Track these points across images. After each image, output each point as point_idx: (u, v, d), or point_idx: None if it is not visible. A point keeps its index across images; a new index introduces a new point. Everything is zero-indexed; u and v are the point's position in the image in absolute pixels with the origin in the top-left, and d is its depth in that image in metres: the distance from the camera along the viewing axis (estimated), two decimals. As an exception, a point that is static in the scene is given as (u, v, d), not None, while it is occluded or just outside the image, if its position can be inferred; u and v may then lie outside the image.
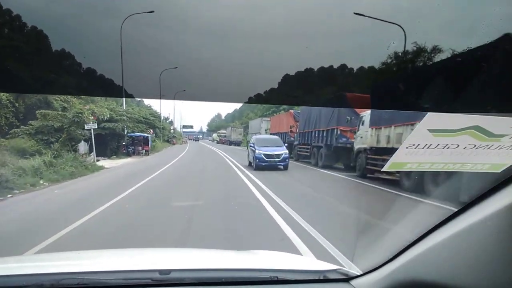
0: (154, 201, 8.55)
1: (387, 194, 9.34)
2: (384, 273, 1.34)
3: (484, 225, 0.91)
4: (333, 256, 4.37)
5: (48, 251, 4.52)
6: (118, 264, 1.83)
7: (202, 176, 13.61)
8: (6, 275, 1.44)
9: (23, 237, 5.43)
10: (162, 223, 6.24)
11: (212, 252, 2.32)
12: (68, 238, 5.25)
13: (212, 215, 7.00)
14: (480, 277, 0.90)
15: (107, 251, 2.57)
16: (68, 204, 8.38)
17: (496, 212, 0.89)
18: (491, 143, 0.99)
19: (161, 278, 1.49)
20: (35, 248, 4.68)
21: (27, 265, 1.83)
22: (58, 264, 1.88)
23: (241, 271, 1.72)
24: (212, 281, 1.55)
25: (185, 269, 1.70)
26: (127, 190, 9.30)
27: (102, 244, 5.02)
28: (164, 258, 2.08)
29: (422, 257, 1.13)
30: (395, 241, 1.48)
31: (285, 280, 1.57)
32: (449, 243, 1.02)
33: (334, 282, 1.59)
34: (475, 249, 0.92)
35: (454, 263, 0.99)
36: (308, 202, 8.57)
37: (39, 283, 1.35)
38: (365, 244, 4.72)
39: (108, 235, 5.57)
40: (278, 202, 7.91)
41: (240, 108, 74.50)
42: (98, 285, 1.44)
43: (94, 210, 6.97)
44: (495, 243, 0.88)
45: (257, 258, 2.11)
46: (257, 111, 47.05)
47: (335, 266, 1.71)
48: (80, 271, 1.55)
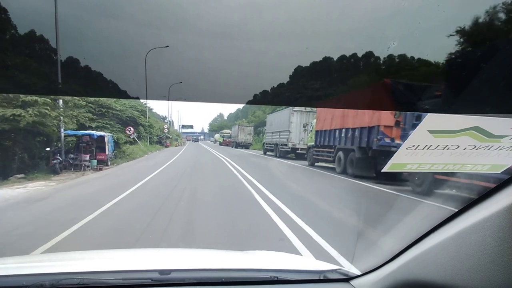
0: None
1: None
2: (384, 273, 1.35)
3: (484, 226, 0.91)
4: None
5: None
6: (118, 264, 1.84)
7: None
8: (6, 275, 1.44)
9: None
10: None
11: (212, 252, 2.32)
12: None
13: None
14: (480, 278, 0.90)
15: (108, 251, 2.57)
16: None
17: (496, 213, 0.89)
18: (491, 144, 0.99)
19: (161, 278, 1.50)
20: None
21: (27, 265, 1.83)
22: (58, 264, 1.88)
23: (241, 271, 1.73)
24: (212, 281, 1.55)
25: (185, 269, 1.70)
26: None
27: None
28: (164, 258, 2.08)
29: (422, 257, 1.13)
30: (395, 241, 1.48)
31: (285, 280, 1.57)
32: (449, 244, 1.02)
33: (334, 282, 1.59)
34: (475, 250, 0.92)
35: (454, 263, 0.99)
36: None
37: (39, 283, 1.35)
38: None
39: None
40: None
41: (243, 107, 68.84)
42: (98, 285, 1.44)
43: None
44: (495, 243, 0.88)
45: (257, 258, 2.11)
46: (265, 108, 39.26)
47: (335, 266, 1.71)
48: (80, 271, 1.55)
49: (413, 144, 1.01)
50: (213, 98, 1.04)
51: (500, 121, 0.93)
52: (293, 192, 9.99)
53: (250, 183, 10.79)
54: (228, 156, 23.46)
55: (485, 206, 0.94)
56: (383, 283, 1.33)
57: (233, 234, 5.39)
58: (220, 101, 1.04)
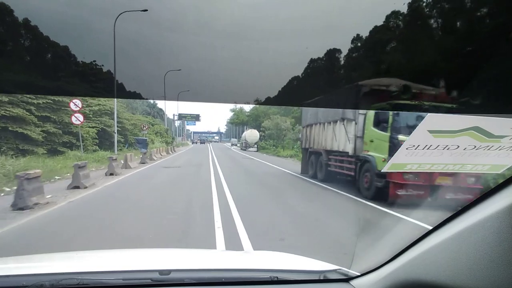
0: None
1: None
2: (384, 273, 1.35)
3: (484, 226, 0.91)
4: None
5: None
6: (118, 264, 1.84)
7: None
8: (6, 275, 1.44)
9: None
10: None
11: (212, 252, 2.32)
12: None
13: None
14: (480, 278, 0.90)
15: (108, 251, 2.57)
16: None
17: (496, 213, 0.89)
18: (491, 144, 0.99)
19: (161, 279, 1.50)
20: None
21: (27, 265, 1.83)
22: (58, 264, 1.88)
23: (241, 271, 1.73)
24: (212, 281, 1.55)
25: (185, 269, 1.71)
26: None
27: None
28: (164, 258, 2.08)
29: (422, 258, 1.13)
30: (395, 241, 1.48)
31: (285, 280, 1.57)
32: (449, 244, 1.02)
33: (334, 282, 1.59)
34: (475, 250, 0.92)
35: (454, 264, 0.99)
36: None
37: (39, 283, 1.35)
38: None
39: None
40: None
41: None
42: (98, 285, 1.44)
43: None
44: (495, 243, 0.88)
45: (257, 258, 2.11)
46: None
47: (335, 266, 1.71)
48: (80, 271, 1.55)
49: (413, 144, 1.01)
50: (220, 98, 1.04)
51: (500, 121, 0.93)
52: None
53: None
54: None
55: (485, 206, 0.94)
56: (383, 283, 1.33)
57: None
58: (222, 102, 1.04)
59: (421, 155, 1.04)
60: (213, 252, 2.34)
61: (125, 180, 13.03)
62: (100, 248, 4.57)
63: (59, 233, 5.95)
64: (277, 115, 38.60)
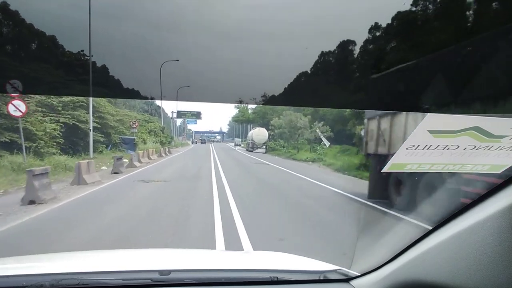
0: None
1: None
2: (384, 273, 1.34)
3: (484, 226, 0.91)
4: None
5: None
6: (118, 265, 1.83)
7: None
8: (6, 276, 1.44)
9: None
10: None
11: (212, 253, 2.32)
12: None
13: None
14: (480, 278, 0.90)
15: (108, 251, 2.56)
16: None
17: (496, 213, 0.89)
18: (491, 144, 0.99)
19: (161, 279, 1.50)
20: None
21: (26, 265, 1.83)
22: (58, 264, 1.88)
23: (241, 271, 1.73)
24: (212, 281, 1.55)
25: (185, 269, 1.71)
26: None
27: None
28: (164, 258, 2.08)
29: (422, 258, 1.13)
30: (395, 241, 1.48)
31: (285, 281, 1.57)
32: (449, 244, 1.02)
33: (334, 283, 1.59)
34: (475, 250, 0.92)
35: (454, 264, 0.99)
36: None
37: (39, 283, 1.35)
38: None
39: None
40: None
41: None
42: (98, 285, 1.44)
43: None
44: (496, 243, 0.88)
45: (257, 259, 2.11)
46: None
47: (335, 267, 1.71)
48: (80, 271, 1.55)
49: (413, 144, 1.01)
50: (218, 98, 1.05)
51: (500, 121, 0.93)
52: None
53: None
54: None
55: (485, 206, 0.94)
56: (383, 283, 1.33)
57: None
58: (222, 101, 1.04)
59: (421, 155, 1.03)
60: (213, 252, 2.34)
61: (29, 226, 6.10)
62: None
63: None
64: (290, 111, 31.40)
